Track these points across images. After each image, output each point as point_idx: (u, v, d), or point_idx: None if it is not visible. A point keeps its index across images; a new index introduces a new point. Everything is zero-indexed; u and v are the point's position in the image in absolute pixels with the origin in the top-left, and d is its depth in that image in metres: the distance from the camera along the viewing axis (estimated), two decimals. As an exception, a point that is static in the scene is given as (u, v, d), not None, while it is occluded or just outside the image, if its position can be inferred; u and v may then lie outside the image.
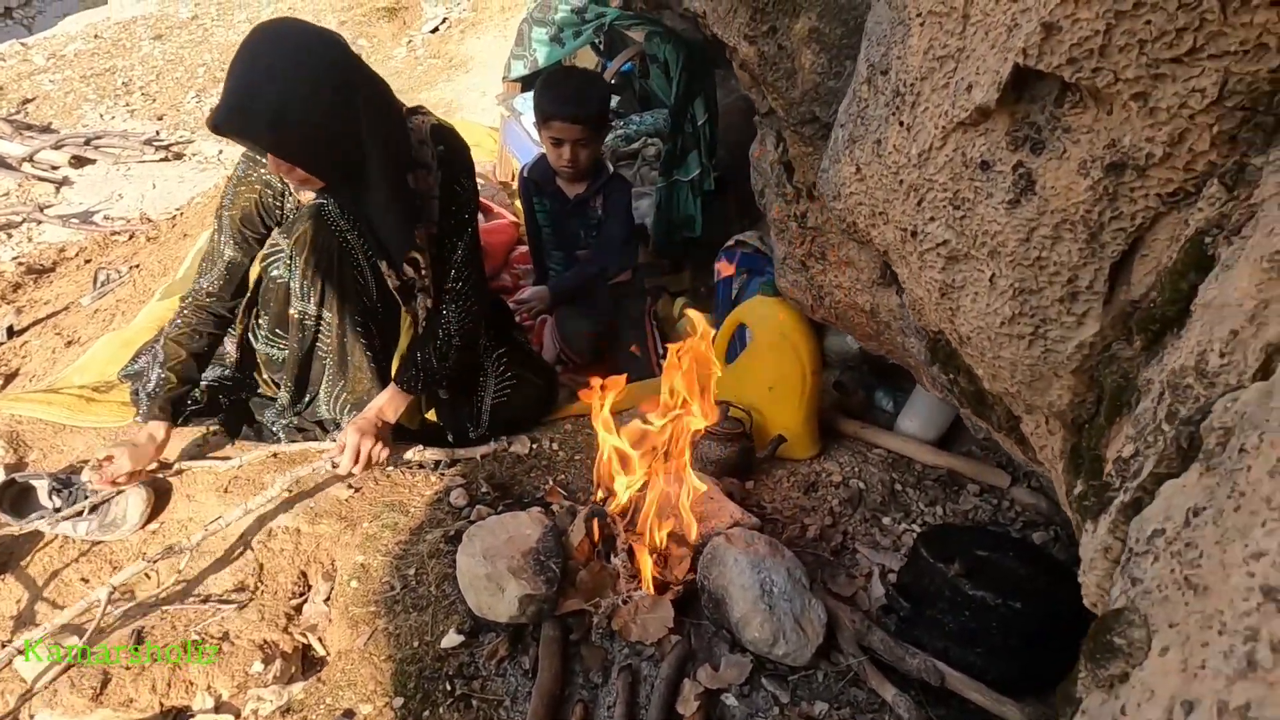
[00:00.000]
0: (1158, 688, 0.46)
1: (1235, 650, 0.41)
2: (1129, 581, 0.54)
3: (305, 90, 1.45)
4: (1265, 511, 0.42)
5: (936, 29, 0.97)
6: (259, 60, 1.43)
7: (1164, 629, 0.48)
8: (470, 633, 1.50)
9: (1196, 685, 0.42)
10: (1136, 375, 0.73)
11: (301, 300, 1.76)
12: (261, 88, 1.42)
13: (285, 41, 1.46)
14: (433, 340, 1.84)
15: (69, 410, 2.01)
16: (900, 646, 1.48)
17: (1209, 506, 0.47)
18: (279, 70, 1.43)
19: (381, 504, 1.81)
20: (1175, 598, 0.48)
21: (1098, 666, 0.52)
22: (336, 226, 1.73)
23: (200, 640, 1.54)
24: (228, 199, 1.75)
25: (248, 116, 1.43)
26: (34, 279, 3.21)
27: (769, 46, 1.41)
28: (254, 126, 1.44)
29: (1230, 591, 0.42)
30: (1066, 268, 0.83)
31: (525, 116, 3.28)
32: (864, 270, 1.55)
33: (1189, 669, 0.44)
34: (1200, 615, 0.45)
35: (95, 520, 1.72)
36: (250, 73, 1.43)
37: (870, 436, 2.16)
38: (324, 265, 1.74)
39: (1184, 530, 0.49)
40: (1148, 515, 0.55)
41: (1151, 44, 0.67)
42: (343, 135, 1.54)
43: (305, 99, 1.45)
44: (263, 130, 1.45)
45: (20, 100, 4.70)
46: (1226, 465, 0.47)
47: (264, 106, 1.42)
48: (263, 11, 5.90)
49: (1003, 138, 0.87)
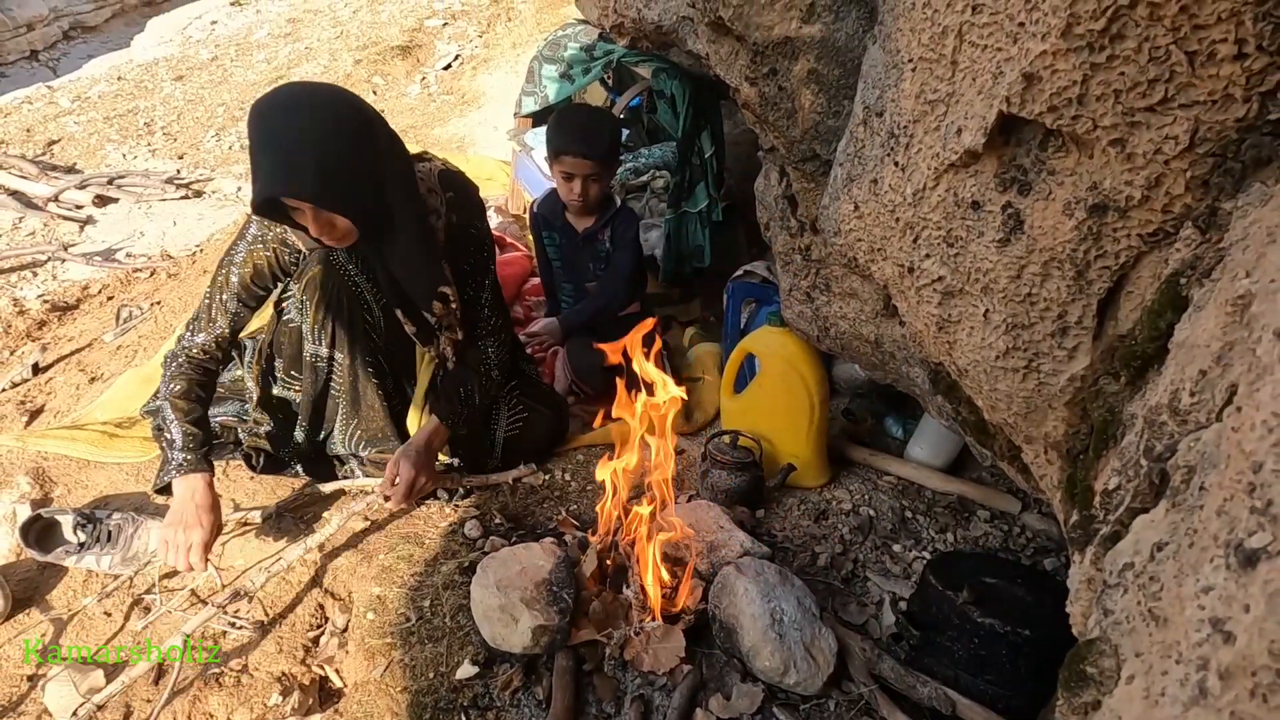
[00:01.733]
0: (1124, 715, 0.48)
1: (1189, 679, 0.43)
2: (1102, 612, 0.56)
3: (339, 142, 1.51)
4: (1214, 548, 0.44)
5: (928, 74, 1.00)
6: (288, 125, 1.48)
7: (1131, 658, 0.50)
8: (485, 663, 1.52)
9: (1157, 712, 0.45)
10: (1122, 409, 0.76)
11: (314, 343, 1.80)
12: (299, 146, 1.47)
13: (301, 102, 1.51)
14: (477, 378, 1.90)
15: (93, 446, 2.05)
16: (911, 675, 1.49)
17: (1170, 541, 0.50)
18: (308, 128, 1.48)
19: (397, 536, 1.84)
20: (1141, 629, 0.50)
21: (1072, 695, 0.54)
22: (344, 271, 1.77)
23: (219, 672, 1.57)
24: (238, 257, 1.75)
25: (295, 174, 1.47)
26: (59, 316, 3.29)
27: (769, 88, 1.46)
28: (304, 183, 1.48)
29: (1185, 623, 0.44)
30: (1056, 304, 0.86)
31: (536, 151, 3.34)
32: (867, 302, 1.58)
33: (1151, 696, 0.46)
34: (1161, 645, 0.47)
35: (118, 554, 1.75)
36: (288, 137, 1.47)
37: (880, 464, 2.18)
38: (333, 308, 1.78)
39: (1149, 564, 0.51)
40: (1120, 549, 0.58)
41: (1126, 93, 0.71)
42: (374, 182, 1.60)
43: (341, 150, 1.51)
44: (312, 184, 1.48)
45: (46, 142, 4.83)
46: (1189, 502, 0.50)
47: (308, 161, 1.47)
48: (279, 52, 6.05)
49: (991, 179, 0.90)
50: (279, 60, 5.90)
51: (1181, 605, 0.45)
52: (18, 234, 3.91)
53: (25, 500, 1.87)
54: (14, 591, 1.68)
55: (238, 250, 1.76)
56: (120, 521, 1.78)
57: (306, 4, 7.18)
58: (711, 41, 1.61)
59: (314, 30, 6.41)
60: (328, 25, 6.47)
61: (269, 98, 1.52)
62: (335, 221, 1.58)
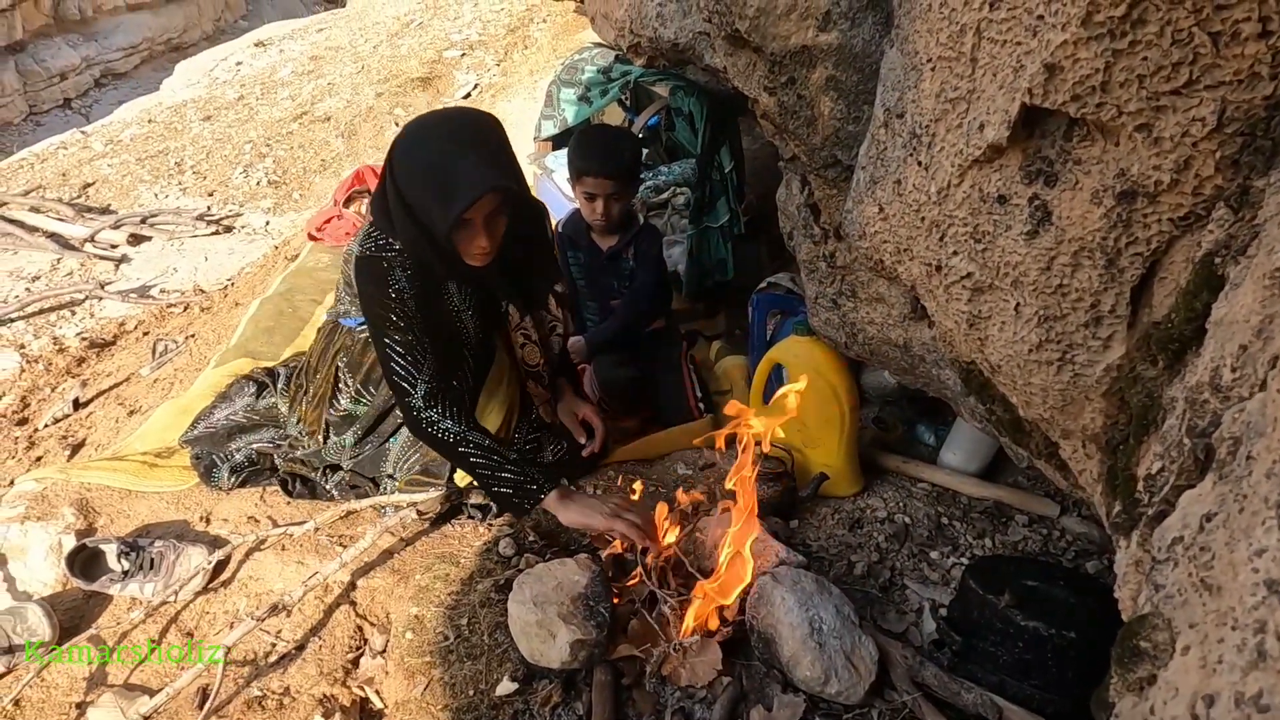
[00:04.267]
0: (1181, 685, 0.47)
1: (1247, 643, 0.42)
2: (1153, 588, 0.55)
3: (504, 141, 1.66)
4: (1265, 511, 0.43)
5: (947, 72, 1.01)
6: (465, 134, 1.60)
7: (1185, 630, 0.50)
8: (524, 680, 1.52)
9: (1215, 680, 0.44)
10: (1161, 394, 0.75)
11: (402, 366, 1.75)
12: (492, 146, 1.60)
13: (459, 114, 1.70)
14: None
15: (133, 476, 2.09)
16: (955, 682, 1.46)
17: (1219, 511, 0.49)
18: (486, 133, 1.62)
19: (432, 556, 1.85)
20: (1194, 599, 0.49)
21: (1127, 671, 0.53)
22: (453, 306, 1.80)
23: (262, 696, 1.59)
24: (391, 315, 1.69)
25: (503, 168, 1.59)
26: (97, 353, 3.37)
27: (788, 97, 1.47)
28: (512, 176, 1.60)
29: (1239, 589, 0.44)
30: (1088, 293, 0.86)
31: (556, 173, 3.39)
32: (895, 306, 1.57)
33: (1208, 665, 0.45)
34: (1216, 613, 0.46)
35: (160, 582, 1.78)
36: (473, 141, 1.59)
37: (913, 471, 2.16)
38: (433, 335, 1.75)
39: (1199, 536, 0.51)
40: (1168, 525, 0.57)
41: (1150, 78, 0.71)
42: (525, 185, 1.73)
43: (508, 148, 1.65)
44: (516, 176, 1.62)
45: (82, 185, 4.97)
46: (1236, 472, 0.49)
47: (504, 157, 1.61)
48: (303, 89, 6.18)
49: (1017, 172, 0.90)
50: (303, 97, 6.03)
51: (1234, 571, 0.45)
52: (56, 274, 4.01)
53: (70, 531, 1.90)
54: (61, 621, 1.71)
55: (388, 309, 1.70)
56: (162, 549, 1.81)
57: (328, 41, 7.34)
58: (729, 54, 1.63)
59: (336, 66, 6.55)
60: (349, 61, 6.61)
61: (423, 125, 1.63)
62: (498, 227, 1.66)
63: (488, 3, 7.03)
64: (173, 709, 1.57)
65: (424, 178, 1.56)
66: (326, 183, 4.85)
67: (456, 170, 1.53)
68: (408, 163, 1.58)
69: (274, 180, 4.96)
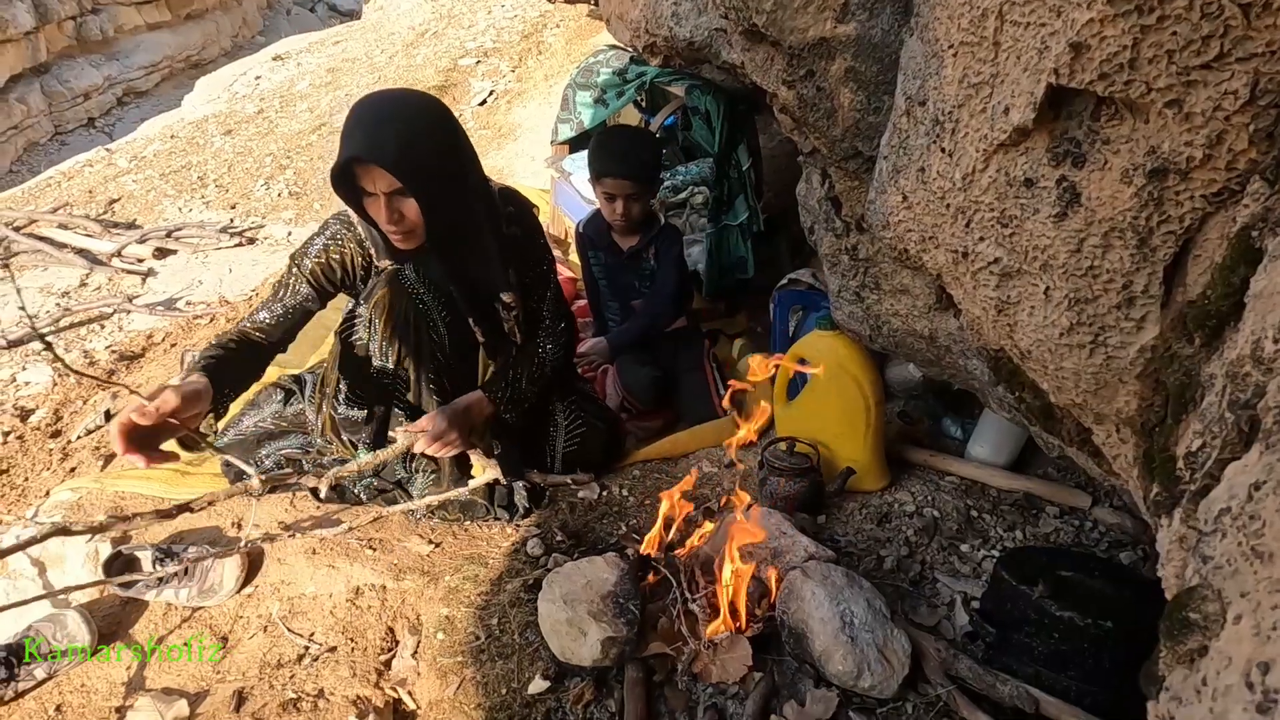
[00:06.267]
0: (1234, 654, 0.46)
1: (1302, 608, 0.42)
2: (1200, 560, 0.54)
3: (425, 128, 1.62)
4: (1315, 474, 0.43)
5: (969, 57, 1.00)
6: (382, 109, 1.61)
7: (1236, 599, 0.49)
8: (555, 678, 1.52)
9: (1269, 647, 0.43)
10: (1199, 372, 0.74)
11: (381, 359, 1.86)
12: (385, 120, 1.58)
13: (393, 93, 1.67)
14: (529, 365, 1.95)
15: (166, 484, 2.12)
16: (990, 674, 1.45)
17: (1268, 480, 0.49)
18: (396, 108, 1.62)
19: (461, 557, 1.86)
20: (1244, 568, 0.49)
21: (1176, 643, 0.53)
22: (414, 290, 1.83)
23: (297, 698, 1.60)
24: (313, 250, 1.84)
25: (378, 141, 1.56)
26: (126, 365, 3.41)
27: (807, 89, 1.47)
28: (385, 151, 1.55)
29: (1292, 554, 0.43)
30: (1120, 274, 0.85)
31: (575, 176, 3.40)
32: (919, 297, 1.56)
33: (1261, 632, 0.45)
34: (1268, 580, 0.46)
35: (195, 587, 1.80)
36: (377, 115, 1.59)
37: (941, 464, 2.14)
38: (401, 327, 1.83)
39: (1247, 505, 0.50)
40: (1214, 497, 0.56)
41: (1179, 53, 0.70)
42: (452, 173, 1.69)
43: (428, 134, 1.62)
44: (393, 153, 1.56)
45: (107, 201, 5.04)
46: (1284, 440, 0.49)
47: (390, 132, 1.57)
48: (321, 101, 6.25)
49: (1043, 154, 0.89)
50: (321, 109, 6.09)
51: (1287, 537, 0.44)
52: (85, 289, 4.08)
53: (106, 538, 1.93)
54: (100, 627, 1.74)
55: (314, 243, 1.83)
56: (196, 555, 1.83)
57: (344, 53, 7.42)
58: (746, 50, 1.63)
59: (353, 78, 6.61)
60: (365, 72, 6.67)
61: (366, 95, 1.66)
62: (406, 209, 1.65)
63: (501, 10, 7.07)
64: (210, 711, 1.59)
65: (343, 132, 1.61)
66: (346, 193, 4.89)
67: (354, 131, 1.57)
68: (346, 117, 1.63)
69: (295, 191, 5.02)
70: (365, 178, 1.61)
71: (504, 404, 1.91)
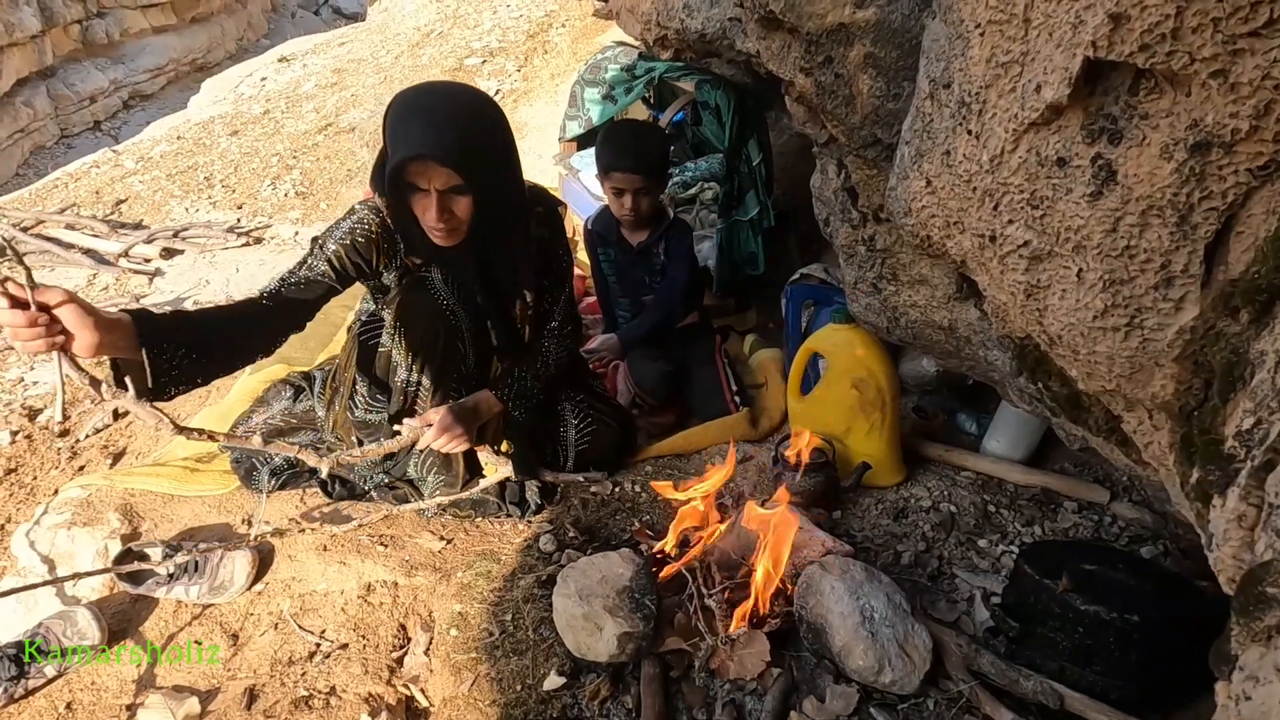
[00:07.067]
0: (1321, 629, 0.45)
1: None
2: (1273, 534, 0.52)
3: (487, 125, 1.61)
4: None
5: (998, 36, 0.98)
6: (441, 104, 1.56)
7: (1318, 571, 0.47)
8: (571, 674, 1.50)
9: (1364, 619, 0.41)
10: (1247, 350, 0.72)
11: (405, 369, 1.83)
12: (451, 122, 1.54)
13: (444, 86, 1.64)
14: (533, 364, 1.92)
15: (175, 481, 2.11)
16: (1013, 669, 1.43)
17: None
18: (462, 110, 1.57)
19: (473, 553, 1.85)
20: (1326, 540, 0.47)
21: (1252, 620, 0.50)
22: (442, 299, 1.80)
23: (309, 695, 1.58)
24: (338, 233, 1.70)
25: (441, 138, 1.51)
26: (134, 364, 3.40)
27: (825, 76, 1.45)
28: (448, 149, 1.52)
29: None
30: (1158, 254, 0.82)
31: (583, 173, 3.38)
32: (939, 287, 1.54)
33: (1354, 604, 0.43)
34: (1358, 550, 0.44)
35: (205, 584, 1.79)
36: (436, 110, 1.55)
37: (956, 459, 2.12)
38: (426, 334, 1.80)
39: (1325, 474, 0.48)
40: (1284, 470, 0.54)
41: (1226, 20, 0.68)
42: (503, 174, 1.68)
43: (488, 131, 1.60)
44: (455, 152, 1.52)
45: (114, 201, 5.04)
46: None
47: (452, 129, 1.52)
48: (327, 101, 6.24)
49: (1077, 132, 0.87)
50: (327, 109, 6.08)
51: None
52: (93, 289, 4.07)
53: (116, 536, 1.92)
54: (110, 624, 1.73)
55: (340, 226, 1.72)
56: (206, 552, 1.81)
57: (350, 54, 7.41)
58: (762, 38, 1.61)
59: (358, 78, 6.60)
60: (371, 72, 6.66)
61: (411, 88, 1.60)
62: (457, 207, 1.61)
63: (507, 10, 7.06)
64: (221, 709, 1.57)
65: (391, 127, 1.56)
66: (353, 192, 4.88)
67: (410, 127, 1.53)
68: (390, 111, 1.58)
69: (301, 191, 5.00)
70: (419, 174, 1.55)
71: (510, 400, 1.88)
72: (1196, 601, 1.43)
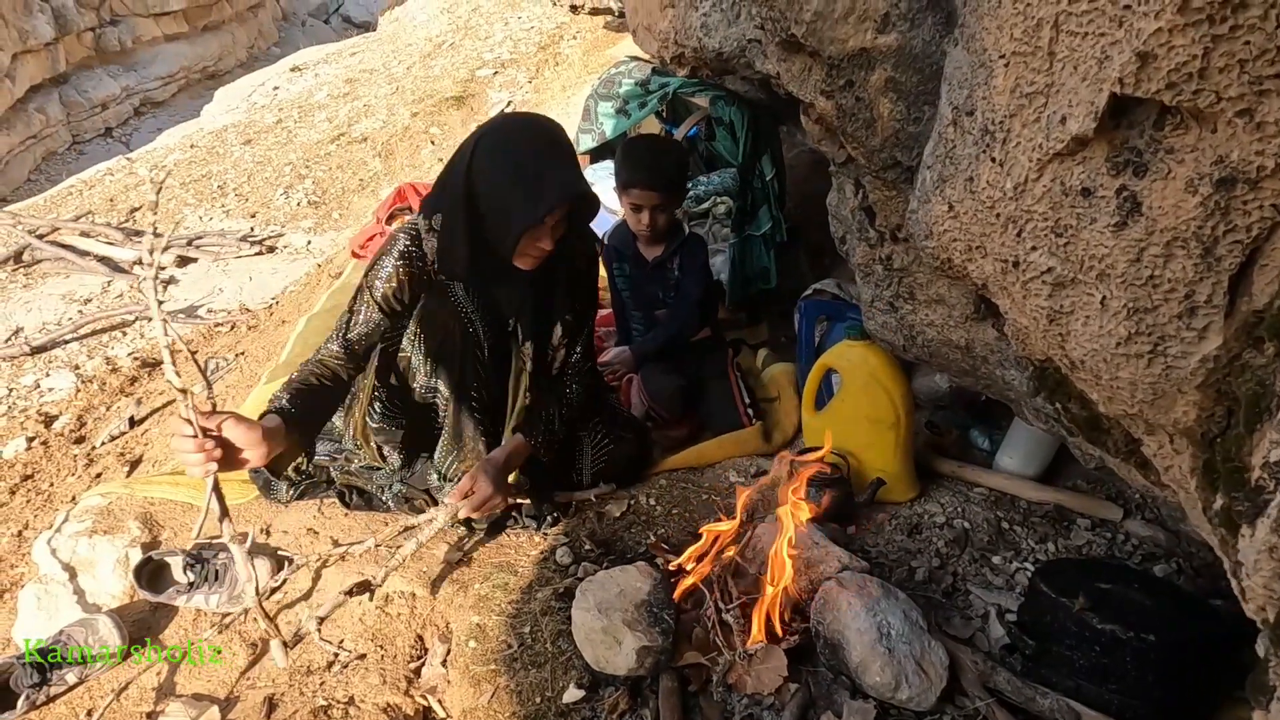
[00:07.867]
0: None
1: None
2: (1312, 568, 0.54)
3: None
4: None
5: (1022, 67, 1.00)
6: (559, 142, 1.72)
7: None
8: (590, 687, 1.51)
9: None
10: (1274, 382, 0.74)
11: (426, 377, 1.86)
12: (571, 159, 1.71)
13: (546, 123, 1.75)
14: (559, 405, 1.95)
15: (195, 490, 2.12)
16: (1029, 687, 1.44)
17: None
18: (571, 150, 1.75)
19: (490, 565, 1.86)
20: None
21: (1291, 653, 0.52)
22: (461, 308, 1.83)
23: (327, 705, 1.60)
24: (383, 273, 1.77)
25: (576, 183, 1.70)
26: (149, 372, 3.43)
27: (846, 99, 1.47)
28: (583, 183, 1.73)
29: None
30: (1182, 284, 0.84)
31: (597, 186, 3.40)
32: (956, 307, 1.56)
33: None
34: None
35: (224, 592, 1.81)
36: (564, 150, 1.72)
37: (970, 475, 2.13)
38: (446, 343, 1.84)
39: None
40: (1321, 505, 0.56)
41: (1253, 62, 0.70)
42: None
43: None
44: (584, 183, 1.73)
45: (129, 209, 5.09)
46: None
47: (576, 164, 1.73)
48: (339, 111, 6.30)
49: (1102, 164, 0.89)
50: (339, 119, 6.14)
51: None
52: (107, 297, 4.11)
53: (136, 544, 1.94)
54: (130, 632, 1.74)
55: (384, 266, 1.78)
56: (226, 561, 1.83)
57: (361, 64, 7.48)
58: (782, 60, 1.63)
59: (370, 88, 6.66)
60: (383, 82, 6.72)
61: (510, 127, 1.73)
62: (560, 232, 1.74)
63: (518, 22, 7.12)
64: (240, 718, 1.59)
65: (512, 177, 1.62)
66: (365, 202, 4.92)
67: (545, 174, 1.62)
68: (493, 161, 1.64)
69: (314, 201, 5.05)
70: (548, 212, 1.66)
71: (541, 448, 1.92)
72: (1213, 622, 1.44)
